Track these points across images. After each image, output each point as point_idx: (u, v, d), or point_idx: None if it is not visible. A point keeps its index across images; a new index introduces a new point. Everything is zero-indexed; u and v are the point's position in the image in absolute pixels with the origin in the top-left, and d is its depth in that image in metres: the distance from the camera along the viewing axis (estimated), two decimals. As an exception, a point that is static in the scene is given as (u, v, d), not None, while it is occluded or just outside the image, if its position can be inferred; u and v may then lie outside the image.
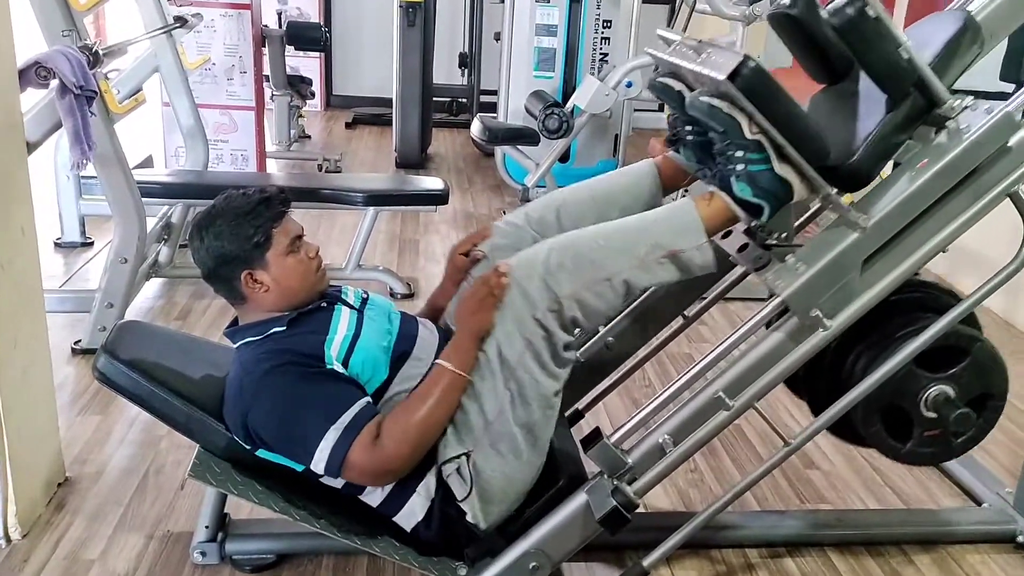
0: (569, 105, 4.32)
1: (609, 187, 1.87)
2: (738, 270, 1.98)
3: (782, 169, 1.56)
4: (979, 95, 1.62)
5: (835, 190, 1.67)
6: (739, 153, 1.56)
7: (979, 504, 2.25)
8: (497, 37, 5.41)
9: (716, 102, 1.54)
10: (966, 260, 3.45)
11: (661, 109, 7.00)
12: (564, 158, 4.69)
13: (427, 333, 1.75)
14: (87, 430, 2.42)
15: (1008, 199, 1.61)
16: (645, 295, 2.05)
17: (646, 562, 1.74)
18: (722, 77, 1.46)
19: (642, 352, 2.20)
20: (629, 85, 4.27)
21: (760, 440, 2.52)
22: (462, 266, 1.83)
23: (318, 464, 1.55)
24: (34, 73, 2.24)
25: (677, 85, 1.72)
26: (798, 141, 1.53)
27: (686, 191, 2.01)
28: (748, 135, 1.54)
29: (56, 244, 3.86)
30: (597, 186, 1.88)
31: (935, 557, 2.06)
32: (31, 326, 2.01)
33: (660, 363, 2.93)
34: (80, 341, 2.89)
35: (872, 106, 1.62)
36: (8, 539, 1.94)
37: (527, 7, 4.77)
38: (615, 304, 1.62)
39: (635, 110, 5.36)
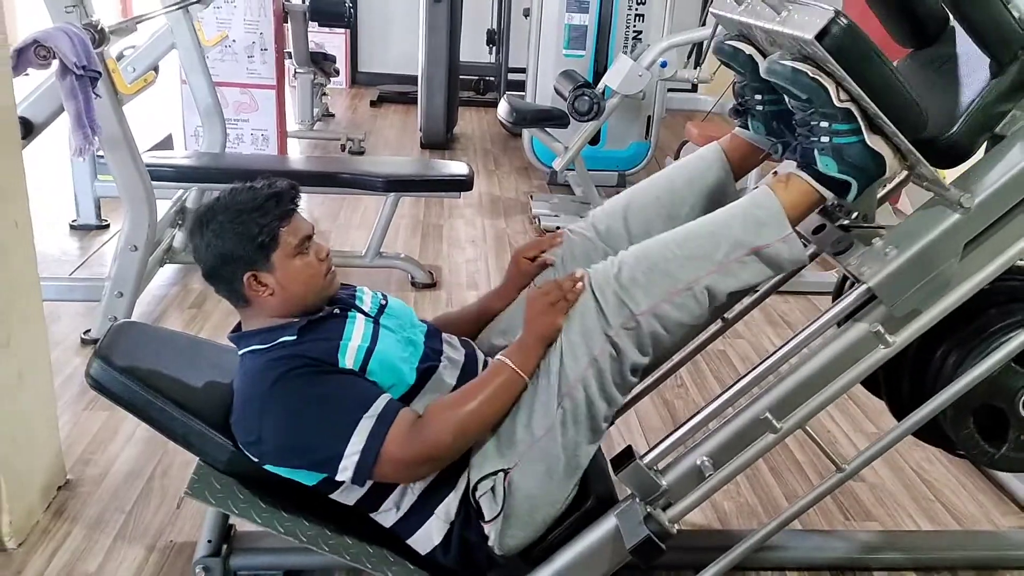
0: (600, 86, 4.13)
1: (673, 183, 1.70)
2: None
3: (874, 141, 1.39)
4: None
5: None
6: (824, 124, 1.40)
7: (1041, 526, 2.08)
8: (526, 13, 5.22)
9: (800, 66, 1.38)
10: None
11: (694, 89, 6.78)
12: (594, 140, 4.50)
13: (452, 351, 1.62)
14: (93, 427, 2.32)
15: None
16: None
17: (681, 594, 1.60)
18: (809, 36, 1.30)
19: (677, 355, 2.06)
20: (664, 65, 4.07)
21: (800, 448, 2.36)
22: (527, 271, 1.71)
23: (348, 461, 1.41)
24: (33, 52, 2.11)
25: (747, 49, 1.57)
26: (894, 110, 1.37)
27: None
28: (837, 103, 1.37)
29: (71, 226, 3.77)
30: (662, 184, 1.72)
31: (992, 584, 1.91)
32: (27, 325, 1.90)
33: (693, 362, 2.75)
34: (89, 331, 2.79)
35: (972, 71, 1.47)
36: (3, 548, 1.84)
37: (558, -18, 4.58)
38: (699, 314, 1.47)
39: (669, 91, 5.16)
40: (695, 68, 4.33)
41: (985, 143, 1.52)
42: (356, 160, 4.48)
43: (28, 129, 2.34)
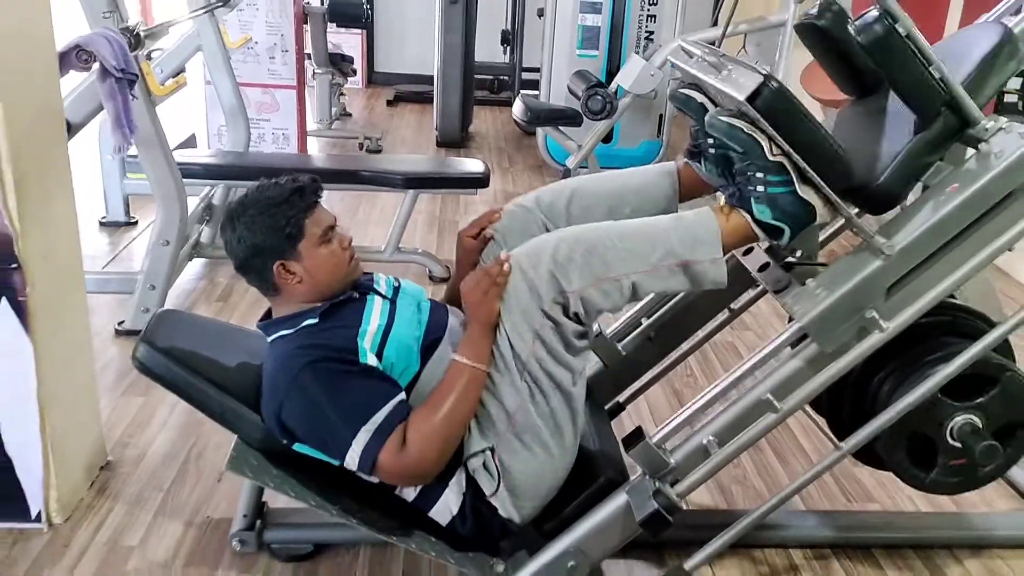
0: (613, 85, 4.23)
1: (624, 184, 1.80)
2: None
3: (804, 192, 1.50)
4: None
5: (858, 212, 1.63)
6: (759, 175, 1.51)
7: (1035, 507, 2.17)
8: (540, 14, 5.33)
9: (736, 122, 1.49)
10: None
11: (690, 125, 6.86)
12: (607, 139, 4.62)
13: (455, 322, 1.71)
14: (130, 412, 2.44)
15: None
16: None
17: (688, 564, 1.70)
18: (741, 97, 1.41)
19: (685, 345, 2.16)
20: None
21: (804, 434, 2.46)
22: (472, 247, 1.78)
23: (350, 464, 1.54)
24: (75, 56, 2.23)
25: (699, 97, 1.67)
26: (821, 164, 1.47)
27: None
28: (770, 157, 1.48)
29: (101, 223, 3.90)
30: (613, 181, 1.82)
31: (986, 562, 2.00)
32: (72, 313, 2.02)
33: (702, 352, 2.87)
34: (123, 322, 2.91)
35: (901, 124, 1.56)
36: (50, 523, 1.96)
37: (571, -17, 4.68)
38: (618, 304, 1.56)
39: (680, 89, 5.25)
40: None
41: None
42: (375, 158, 4.60)
43: (67, 129, 2.46)
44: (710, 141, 1.66)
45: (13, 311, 1.81)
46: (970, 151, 1.57)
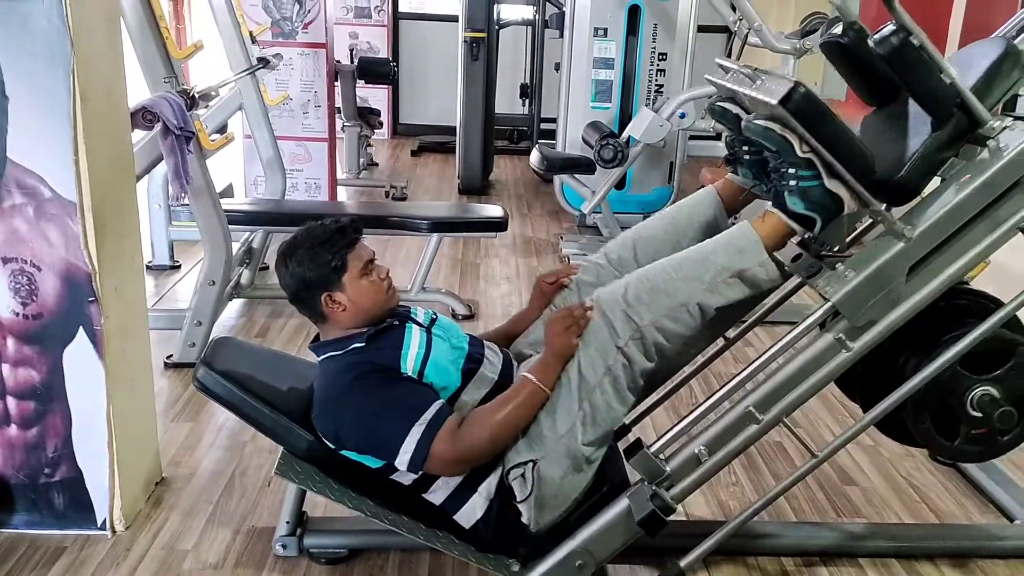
0: (624, 135, 4.49)
1: (677, 219, 2.04)
2: (778, 294, 2.12)
3: (832, 184, 1.71)
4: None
5: (883, 204, 1.80)
6: (792, 170, 1.73)
7: (1012, 520, 2.33)
8: (557, 68, 5.64)
9: (770, 124, 1.71)
10: None
11: (718, 137, 7.12)
12: (620, 185, 4.87)
13: (492, 355, 1.94)
14: (180, 436, 2.68)
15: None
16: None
17: (683, 562, 1.89)
18: (774, 102, 1.63)
19: (687, 369, 2.36)
20: (682, 116, 4.43)
21: (800, 456, 2.64)
22: (548, 292, 2.03)
23: (403, 457, 1.74)
24: (141, 117, 2.52)
25: (735, 109, 1.90)
26: (846, 158, 1.69)
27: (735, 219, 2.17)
28: (800, 153, 1.70)
29: (147, 267, 4.18)
30: (666, 220, 2.06)
31: (966, 571, 2.15)
32: (137, 340, 2.28)
33: (707, 382, 3.06)
34: (172, 356, 3.17)
35: (919, 126, 1.77)
36: (114, 531, 2.19)
37: (585, 41, 4.98)
38: (694, 326, 1.78)
39: (690, 138, 5.51)
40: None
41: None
42: (401, 205, 4.89)
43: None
44: (745, 148, 1.89)
45: (89, 339, 2.06)
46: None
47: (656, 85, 5.02)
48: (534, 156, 4.72)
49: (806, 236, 1.80)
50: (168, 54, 2.79)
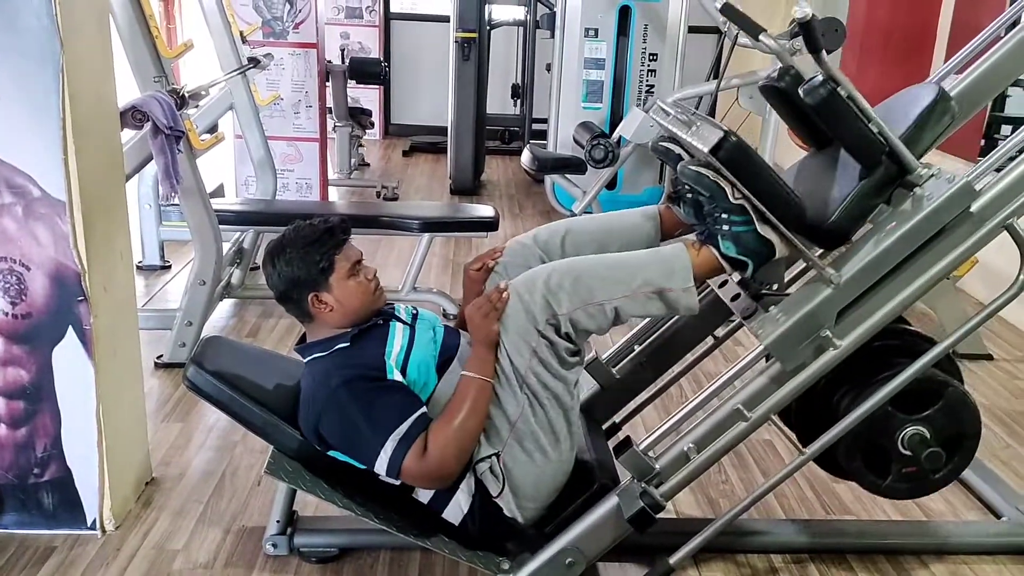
0: (615, 135, 4.51)
1: (612, 224, 2.04)
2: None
3: (764, 230, 1.73)
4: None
5: (817, 249, 1.85)
6: (724, 215, 1.75)
7: (998, 517, 2.35)
8: (548, 68, 5.65)
9: (703, 170, 1.74)
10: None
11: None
12: (611, 185, 4.88)
13: (466, 344, 1.94)
14: (170, 436, 2.68)
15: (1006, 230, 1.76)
16: (675, 318, 2.24)
17: (672, 560, 1.90)
18: (706, 149, 1.65)
19: (676, 367, 2.37)
20: (673, 116, 4.45)
21: (789, 454, 2.65)
22: (476, 279, 2.01)
23: (379, 468, 1.76)
24: (130, 116, 2.52)
25: (676, 149, 1.92)
26: (775, 206, 1.71)
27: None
28: (732, 200, 1.72)
29: (138, 267, 4.18)
30: (602, 222, 2.07)
31: (952, 567, 2.17)
32: (127, 340, 2.28)
33: (697, 381, 3.08)
34: (162, 356, 3.17)
35: (850, 172, 1.79)
36: (103, 530, 2.19)
37: (576, 41, 5.00)
38: (603, 326, 1.79)
39: (681, 138, 5.52)
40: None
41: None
42: (392, 205, 4.89)
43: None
44: (686, 187, 1.90)
45: (78, 339, 2.06)
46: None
47: (647, 85, 5.04)
48: (525, 156, 4.73)
49: (747, 277, 1.82)
50: (158, 53, 2.79)
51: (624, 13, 4.97)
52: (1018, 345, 3.71)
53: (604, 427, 2.34)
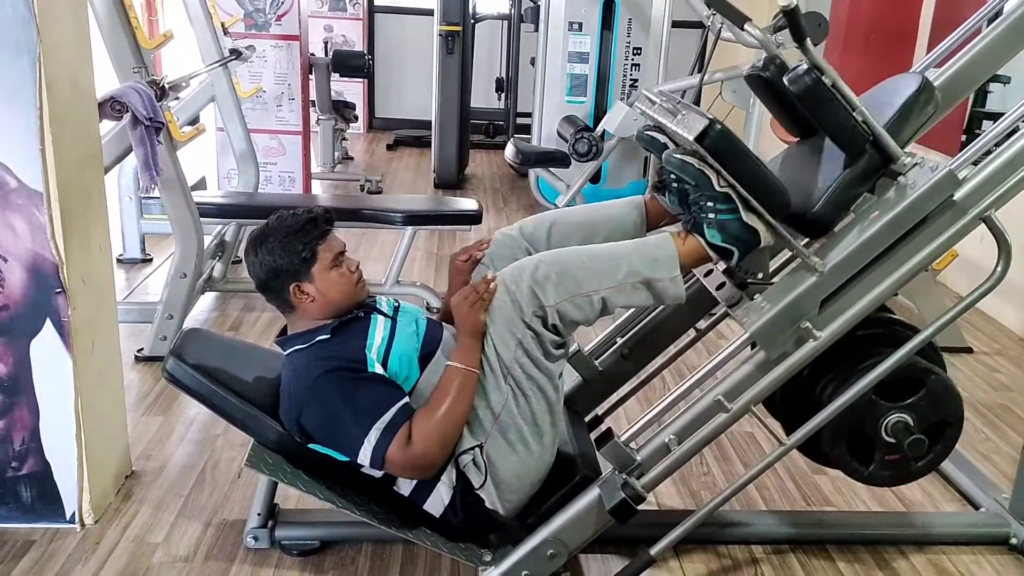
0: (599, 129, 4.50)
1: (597, 215, 2.03)
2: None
3: (749, 218, 1.73)
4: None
5: (802, 238, 1.84)
6: (710, 203, 1.75)
7: (977, 508, 2.38)
8: (533, 62, 5.64)
9: (688, 159, 1.74)
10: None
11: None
12: (596, 179, 4.88)
13: (448, 335, 1.94)
14: (150, 429, 2.66)
15: (983, 223, 1.77)
16: (658, 310, 2.24)
17: (653, 551, 1.90)
18: (691, 138, 1.65)
19: (658, 360, 2.38)
20: (656, 110, 4.45)
21: (770, 446, 2.65)
22: (462, 269, 2.00)
23: (363, 459, 1.75)
24: (109, 107, 2.50)
25: (662, 138, 1.91)
26: (761, 194, 1.71)
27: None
28: (717, 188, 1.72)
29: (118, 260, 4.15)
30: (587, 212, 2.06)
31: (931, 557, 2.19)
32: (106, 333, 2.25)
33: (680, 374, 3.09)
34: (143, 349, 3.14)
35: (835, 161, 1.80)
36: (83, 524, 2.17)
37: (560, 35, 4.99)
38: (590, 317, 1.79)
39: (665, 133, 5.53)
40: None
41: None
42: (375, 198, 4.87)
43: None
44: (672, 176, 1.90)
45: (56, 331, 2.04)
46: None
47: (631, 79, 5.04)
48: (509, 150, 4.72)
49: (733, 265, 1.82)
50: (137, 44, 2.76)
51: (608, 7, 4.96)
52: (997, 338, 3.75)
53: (586, 419, 2.34)
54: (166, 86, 2.75)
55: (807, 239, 1.91)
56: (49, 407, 2.09)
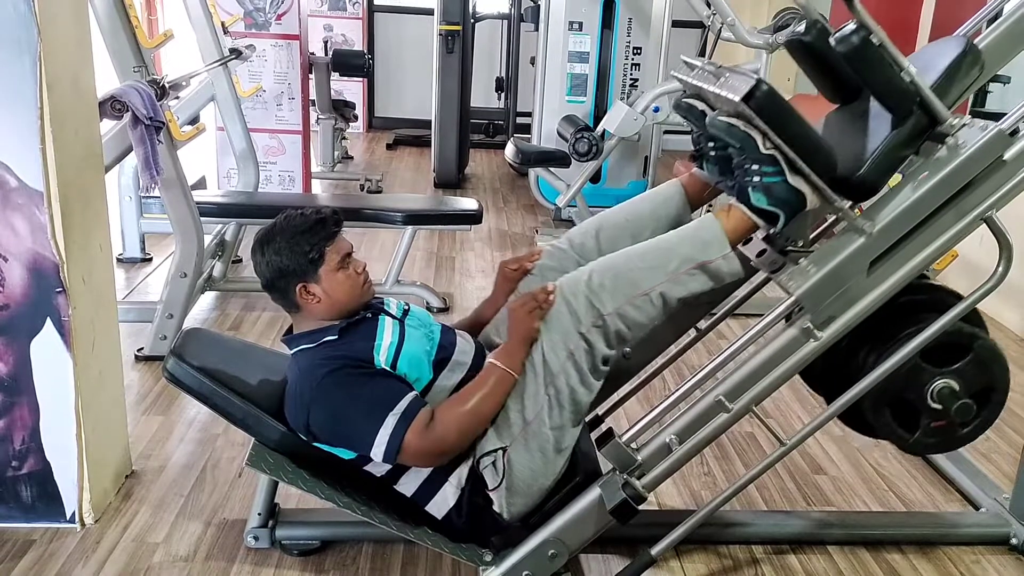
0: (599, 129, 4.51)
1: (640, 210, 2.04)
2: (748, 287, 2.14)
3: (795, 180, 1.72)
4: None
5: (847, 201, 1.81)
6: (755, 166, 1.73)
7: (977, 509, 2.38)
8: (533, 62, 5.65)
9: (733, 121, 1.71)
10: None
11: (691, 132, 7.17)
12: (596, 179, 4.88)
13: (464, 343, 1.94)
14: (151, 429, 2.66)
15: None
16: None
17: (654, 551, 1.90)
18: (737, 99, 1.63)
19: (659, 361, 2.37)
20: (656, 110, 4.46)
21: (771, 446, 2.65)
22: (512, 278, 2.02)
23: (378, 449, 1.74)
24: (110, 106, 2.50)
25: (700, 105, 1.90)
26: (808, 155, 1.69)
27: (710, 207, 2.18)
28: (763, 150, 1.70)
29: (118, 259, 4.14)
30: (629, 210, 2.06)
31: (932, 557, 2.19)
32: (106, 332, 2.25)
33: (680, 373, 3.09)
34: (143, 349, 3.14)
35: (880, 124, 1.78)
36: (83, 523, 2.17)
37: (560, 35, 4.99)
38: (655, 315, 1.79)
39: (665, 132, 5.53)
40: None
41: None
42: (375, 197, 4.87)
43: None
44: (711, 144, 1.89)
45: (57, 330, 2.04)
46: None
47: (631, 79, 5.04)
48: (509, 149, 4.73)
49: (771, 231, 1.82)
50: (137, 43, 2.76)
51: (608, 6, 4.96)
52: (996, 338, 3.72)
53: (587, 419, 2.34)
54: (166, 85, 2.75)
55: (850, 202, 1.87)
56: (49, 406, 2.09)
